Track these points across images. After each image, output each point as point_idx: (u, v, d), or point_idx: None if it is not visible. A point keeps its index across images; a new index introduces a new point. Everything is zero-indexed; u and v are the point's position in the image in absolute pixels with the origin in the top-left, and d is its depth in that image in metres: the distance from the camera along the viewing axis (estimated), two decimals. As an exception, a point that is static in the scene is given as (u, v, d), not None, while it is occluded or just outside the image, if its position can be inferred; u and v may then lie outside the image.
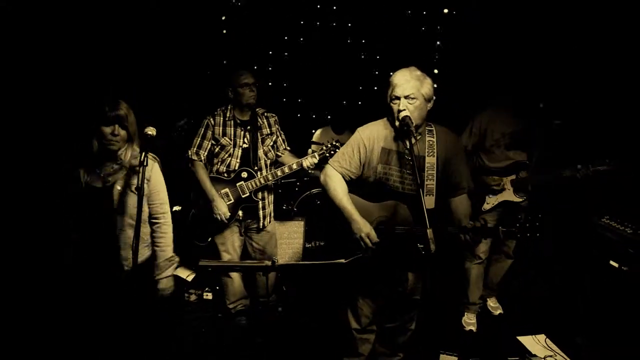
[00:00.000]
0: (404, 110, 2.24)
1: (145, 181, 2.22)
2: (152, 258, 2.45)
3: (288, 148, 3.41)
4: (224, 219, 3.14)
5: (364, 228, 2.32)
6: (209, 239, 3.41)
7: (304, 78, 5.09)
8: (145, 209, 2.36)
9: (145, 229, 2.42)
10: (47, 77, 3.57)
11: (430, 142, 2.39)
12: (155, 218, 2.43)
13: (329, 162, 2.54)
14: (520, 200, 3.31)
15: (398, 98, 2.27)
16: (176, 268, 2.53)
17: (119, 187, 2.29)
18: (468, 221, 2.37)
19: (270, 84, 4.93)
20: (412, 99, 2.25)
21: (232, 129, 3.18)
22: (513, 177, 3.32)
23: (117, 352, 2.43)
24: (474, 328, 3.53)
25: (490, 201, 3.35)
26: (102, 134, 2.19)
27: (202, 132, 3.18)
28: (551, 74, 3.81)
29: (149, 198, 2.38)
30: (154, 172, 2.38)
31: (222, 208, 3.12)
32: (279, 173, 3.18)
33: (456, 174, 2.43)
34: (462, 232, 2.29)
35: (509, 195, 3.32)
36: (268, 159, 3.28)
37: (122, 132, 2.22)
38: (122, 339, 2.40)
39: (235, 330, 3.44)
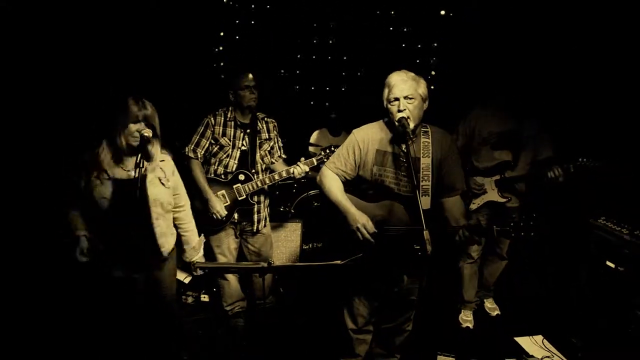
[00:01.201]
0: (404, 110, 2.26)
1: (172, 174, 2.47)
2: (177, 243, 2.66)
3: (283, 156, 3.41)
4: (219, 217, 3.14)
5: (359, 219, 2.32)
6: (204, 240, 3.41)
7: (303, 80, 5.11)
8: (172, 199, 2.53)
9: (170, 218, 2.59)
10: (53, 78, 3.62)
11: (426, 143, 2.40)
12: (181, 206, 2.64)
13: (325, 163, 2.57)
14: (505, 200, 3.31)
15: (397, 99, 2.28)
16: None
17: (149, 179, 2.39)
18: (464, 220, 2.38)
19: (271, 85, 4.94)
20: (411, 99, 2.27)
21: (232, 130, 3.18)
22: (497, 177, 3.32)
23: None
24: (470, 325, 3.55)
25: (476, 201, 3.37)
26: (130, 131, 2.25)
27: (201, 130, 3.18)
28: (541, 73, 3.82)
29: (175, 189, 2.56)
30: (174, 165, 2.55)
31: (217, 206, 3.12)
32: (275, 177, 3.19)
33: (450, 175, 2.44)
34: (460, 231, 2.29)
35: (493, 195, 3.33)
36: (264, 163, 3.29)
37: (149, 131, 2.28)
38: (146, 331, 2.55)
39: (232, 332, 3.43)
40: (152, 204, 2.40)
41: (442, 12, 4.73)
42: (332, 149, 3.15)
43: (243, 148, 3.21)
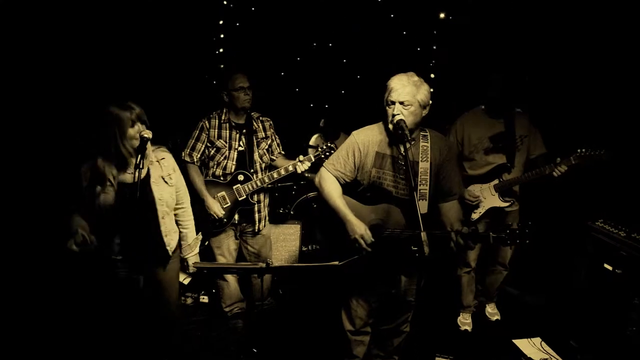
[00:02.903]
0: (398, 114, 2.26)
1: (173, 172, 2.50)
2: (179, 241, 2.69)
3: (282, 152, 3.42)
4: (217, 218, 3.16)
5: (358, 230, 2.34)
6: (206, 242, 3.43)
7: (301, 82, 5.13)
8: (174, 197, 2.56)
9: (173, 216, 2.62)
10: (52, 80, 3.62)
11: (424, 148, 2.41)
12: (181, 203, 2.65)
13: (323, 164, 2.56)
14: (507, 204, 3.27)
15: (393, 102, 2.28)
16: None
17: (153, 180, 2.42)
18: (460, 225, 2.38)
19: (267, 87, 4.95)
20: (407, 105, 2.27)
21: (228, 131, 3.19)
22: (496, 181, 3.27)
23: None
24: (469, 328, 3.55)
25: (478, 211, 3.32)
26: (131, 136, 2.26)
27: (196, 134, 3.20)
28: (530, 70, 3.83)
29: (176, 187, 2.58)
30: (175, 163, 2.57)
31: (214, 207, 3.14)
32: (275, 175, 3.19)
33: (448, 180, 2.45)
34: (456, 236, 2.28)
35: (495, 201, 3.28)
36: (263, 162, 3.30)
37: (143, 128, 2.30)
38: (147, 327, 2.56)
39: (231, 333, 3.44)
40: (158, 203, 2.44)
41: (442, 16, 4.75)
42: (329, 144, 3.16)
43: (240, 149, 3.23)
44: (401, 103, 2.26)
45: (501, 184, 3.25)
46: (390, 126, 2.30)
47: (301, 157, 3.15)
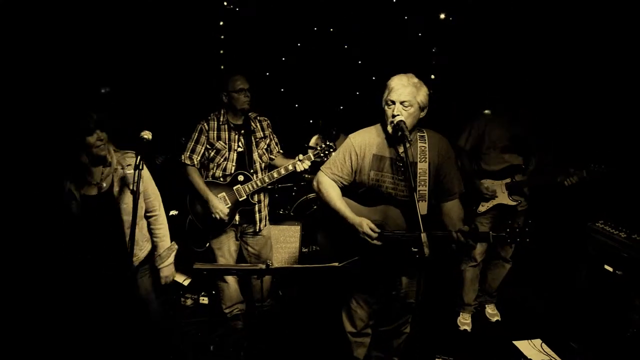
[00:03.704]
0: (398, 115, 2.25)
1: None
2: (153, 250, 2.58)
3: (281, 151, 3.43)
4: (222, 216, 3.14)
5: (360, 228, 2.34)
6: (207, 244, 3.42)
7: (301, 83, 5.13)
8: (142, 204, 2.46)
9: (143, 224, 2.52)
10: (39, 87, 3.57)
11: (422, 148, 2.40)
12: (152, 211, 2.54)
13: (320, 168, 2.54)
14: (515, 203, 3.33)
15: (393, 102, 2.27)
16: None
17: (117, 189, 2.34)
18: (462, 225, 2.38)
19: (266, 88, 4.96)
20: (407, 105, 2.26)
21: (227, 133, 3.19)
22: (508, 180, 3.33)
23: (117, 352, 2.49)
24: (468, 328, 3.55)
25: (485, 204, 3.37)
26: (89, 144, 2.23)
27: (195, 136, 3.19)
28: (549, 77, 3.84)
29: (144, 193, 2.48)
30: (144, 168, 2.42)
31: (219, 206, 3.13)
32: (275, 175, 3.19)
33: (448, 179, 2.44)
34: (456, 235, 2.28)
35: (503, 198, 3.34)
36: (262, 162, 3.30)
37: (104, 135, 2.27)
38: (125, 338, 2.48)
39: (231, 334, 3.43)
40: (123, 212, 2.36)
41: (442, 16, 4.75)
42: (328, 143, 3.16)
43: (239, 150, 3.22)
44: (402, 103, 2.25)
45: (512, 184, 3.32)
46: (389, 127, 2.30)
47: (301, 156, 3.15)
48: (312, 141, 4.76)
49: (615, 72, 3.66)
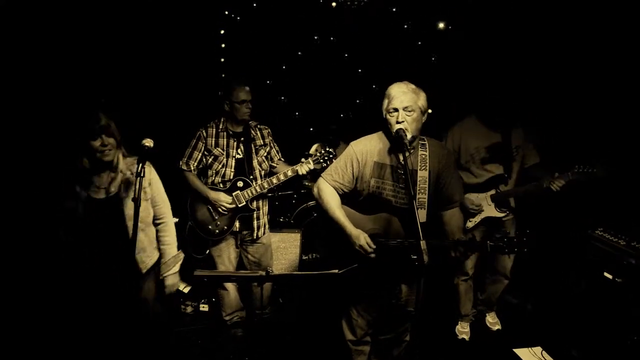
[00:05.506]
0: (403, 122, 2.27)
1: (148, 185, 2.39)
2: (160, 258, 2.57)
3: (282, 159, 3.44)
4: (226, 206, 3.15)
5: (357, 240, 2.34)
6: (207, 251, 3.43)
7: (302, 92, 5.16)
8: (150, 211, 2.47)
9: (152, 232, 2.52)
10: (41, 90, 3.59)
11: (423, 156, 2.41)
12: (160, 218, 2.56)
13: (321, 175, 2.55)
14: (502, 215, 3.28)
15: (396, 110, 2.29)
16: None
17: (124, 194, 2.36)
18: (461, 234, 2.38)
19: (267, 96, 4.98)
20: (410, 110, 2.28)
21: (225, 140, 3.22)
22: (493, 192, 3.27)
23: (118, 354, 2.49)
24: (466, 337, 3.54)
25: (473, 220, 3.32)
26: (92, 148, 2.24)
27: (193, 143, 3.23)
28: (526, 79, 3.83)
29: (153, 200, 2.48)
30: (152, 175, 2.48)
31: (221, 197, 3.15)
32: (274, 180, 3.20)
33: (448, 188, 2.45)
34: (453, 245, 2.29)
35: (490, 210, 3.29)
36: (262, 169, 3.32)
37: (111, 140, 2.28)
38: (126, 341, 2.47)
39: (231, 342, 3.43)
40: (128, 218, 2.36)
41: (441, 26, 4.79)
42: (328, 149, 3.18)
43: (238, 157, 3.24)
44: (404, 109, 2.27)
45: (498, 195, 3.26)
46: (394, 134, 2.29)
47: (302, 160, 3.17)
48: (313, 149, 4.77)
49: (606, 74, 3.65)
